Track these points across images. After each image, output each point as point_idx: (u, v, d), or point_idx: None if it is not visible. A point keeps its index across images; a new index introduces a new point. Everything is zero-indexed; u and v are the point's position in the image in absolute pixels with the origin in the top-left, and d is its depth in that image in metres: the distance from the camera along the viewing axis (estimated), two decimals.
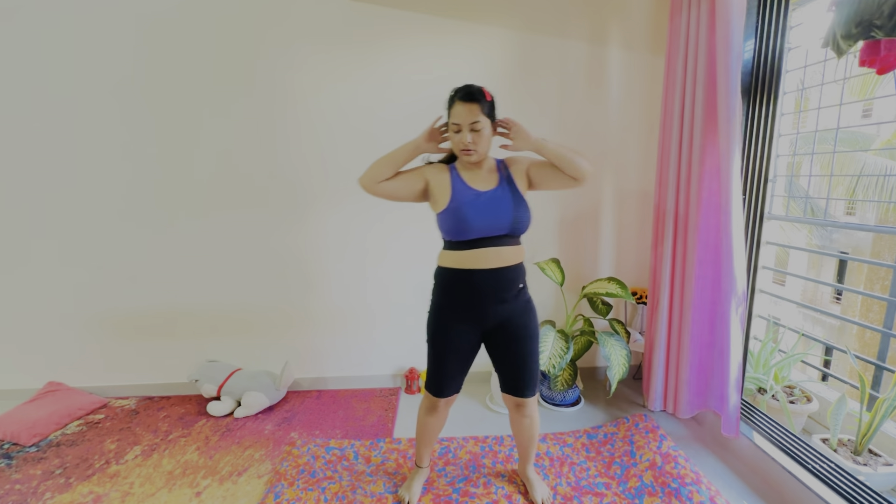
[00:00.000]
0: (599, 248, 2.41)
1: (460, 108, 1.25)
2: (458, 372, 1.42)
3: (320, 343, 2.36)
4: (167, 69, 2.06)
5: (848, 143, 5.26)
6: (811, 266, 8.76)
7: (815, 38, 1.71)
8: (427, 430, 1.52)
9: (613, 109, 2.27)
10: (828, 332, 7.85)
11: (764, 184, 1.79)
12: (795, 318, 8.01)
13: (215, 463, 1.77)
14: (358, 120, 2.15)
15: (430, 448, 1.58)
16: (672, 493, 1.52)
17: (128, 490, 1.62)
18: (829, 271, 8.45)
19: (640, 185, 2.36)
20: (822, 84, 1.87)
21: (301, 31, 2.06)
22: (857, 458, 1.57)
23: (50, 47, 2.00)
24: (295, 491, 1.58)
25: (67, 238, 2.16)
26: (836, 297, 8.56)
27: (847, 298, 8.18)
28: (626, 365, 1.96)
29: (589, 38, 2.18)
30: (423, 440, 1.55)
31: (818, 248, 7.91)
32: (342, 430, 2.00)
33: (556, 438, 1.90)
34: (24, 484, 1.65)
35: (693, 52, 1.77)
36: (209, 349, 2.32)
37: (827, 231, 7.91)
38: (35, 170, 2.09)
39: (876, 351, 6.29)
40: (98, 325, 2.25)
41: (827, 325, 8.02)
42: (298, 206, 2.21)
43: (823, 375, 2.29)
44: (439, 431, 1.56)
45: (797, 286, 8.52)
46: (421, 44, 2.12)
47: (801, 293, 8.40)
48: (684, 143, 1.85)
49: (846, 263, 7.99)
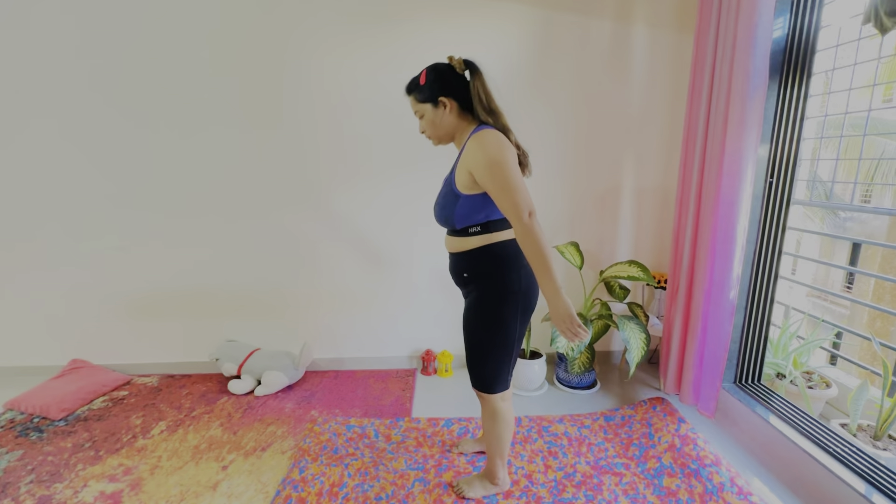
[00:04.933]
0: (618, 232, 2.39)
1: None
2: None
3: (337, 324, 2.38)
4: (182, 52, 2.03)
5: (869, 128, 5.14)
6: (822, 254, 8.67)
7: (849, 16, 1.66)
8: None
9: (637, 89, 2.22)
10: (836, 320, 7.81)
11: (792, 168, 1.76)
12: (805, 306, 7.96)
13: (239, 438, 1.81)
14: (371, 98, 2.11)
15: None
16: (692, 474, 1.54)
17: (156, 463, 1.66)
18: (842, 260, 8.35)
19: (662, 168, 2.32)
20: (855, 64, 1.81)
21: (315, 9, 2.02)
22: (876, 443, 1.57)
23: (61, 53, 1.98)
24: (319, 466, 1.61)
25: (91, 220, 2.18)
26: (847, 286, 8.49)
27: (858, 287, 8.11)
28: (644, 348, 1.96)
29: (614, 14, 2.12)
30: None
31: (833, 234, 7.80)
32: (361, 408, 2.03)
33: (574, 420, 1.92)
34: (56, 456, 1.69)
35: (725, 30, 1.71)
36: (228, 329, 2.35)
37: (840, 219, 7.80)
38: (64, 150, 2.10)
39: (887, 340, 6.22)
40: (121, 305, 2.28)
41: (836, 314, 7.98)
42: (317, 188, 2.21)
43: (835, 360, 2.29)
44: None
45: (808, 274, 8.45)
46: (437, 21, 2.07)
47: (811, 281, 8.33)
48: (711, 125, 1.81)
49: (859, 253, 7.89)
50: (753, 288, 1.88)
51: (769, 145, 1.78)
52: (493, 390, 1.33)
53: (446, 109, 1.24)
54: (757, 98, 1.62)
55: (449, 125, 1.26)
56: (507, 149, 1.14)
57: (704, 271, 1.84)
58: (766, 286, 1.87)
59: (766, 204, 1.82)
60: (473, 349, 1.33)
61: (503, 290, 1.26)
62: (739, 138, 1.66)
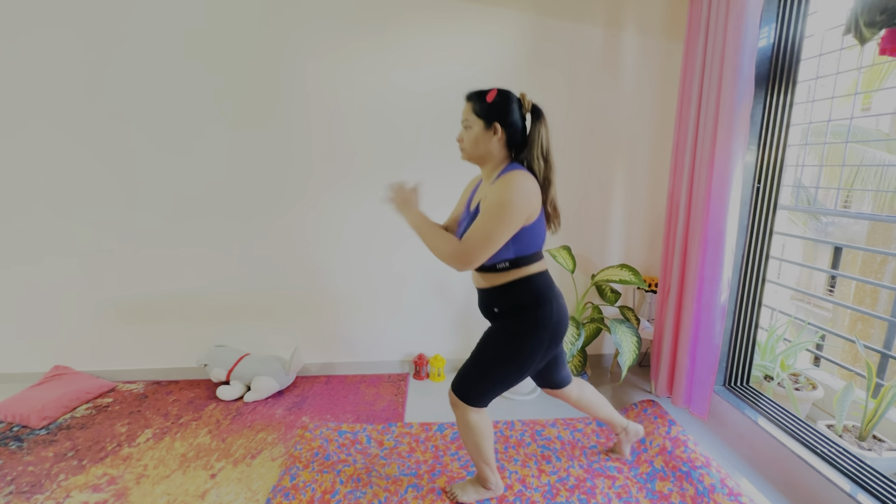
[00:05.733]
0: (609, 236, 2.41)
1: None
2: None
3: (329, 329, 2.36)
4: (177, 59, 2.00)
5: (845, 135, 5.28)
6: (805, 258, 8.88)
7: (830, 27, 1.71)
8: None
9: (627, 96, 2.25)
10: (819, 322, 8.00)
11: (779, 173, 1.80)
12: (788, 308, 8.14)
13: (228, 446, 1.77)
14: (366, 102, 2.12)
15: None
16: (683, 477, 1.55)
17: (142, 472, 1.62)
18: (824, 264, 8.56)
19: (652, 173, 2.35)
20: (838, 73, 1.87)
21: (311, 13, 2.01)
22: (861, 444, 1.61)
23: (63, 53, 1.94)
24: (310, 473, 1.59)
25: (75, 223, 2.13)
26: (829, 289, 8.71)
27: (839, 292, 8.33)
28: (635, 352, 1.98)
29: (605, 21, 2.15)
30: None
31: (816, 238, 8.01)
32: (353, 414, 2.01)
33: (567, 424, 1.92)
34: (37, 466, 1.64)
35: (713, 39, 1.75)
36: (216, 334, 2.31)
37: (822, 224, 8.00)
38: (46, 157, 2.05)
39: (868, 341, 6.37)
40: (105, 309, 2.23)
41: (819, 317, 8.17)
42: (308, 191, 2.19)
43: (818, 360, 2.34)
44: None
45: (791, 277, 8.65)
46: (431, 27, 2.08)
47: (795, 284, 8.52)
48: (700, 131, 1.84)
49: (840, 256, 8.11)
50: (742, 291, 1.91)
51: (756, 151, 1.82)
52: (472, 404, 1.32)
53: (495, 136, 1.23)
54: (744, 105, 1.65)
55: (487, 151, 1.25)
56: (526, 203, 1.16)
57: (694, 275, 1.86)
58: (754, 289, 1.90)
59: (754, 209, 1.85)
60: (478, 366, 1.32)
61: (535, 324, 1.26)
62: (728, 144, 1.69)
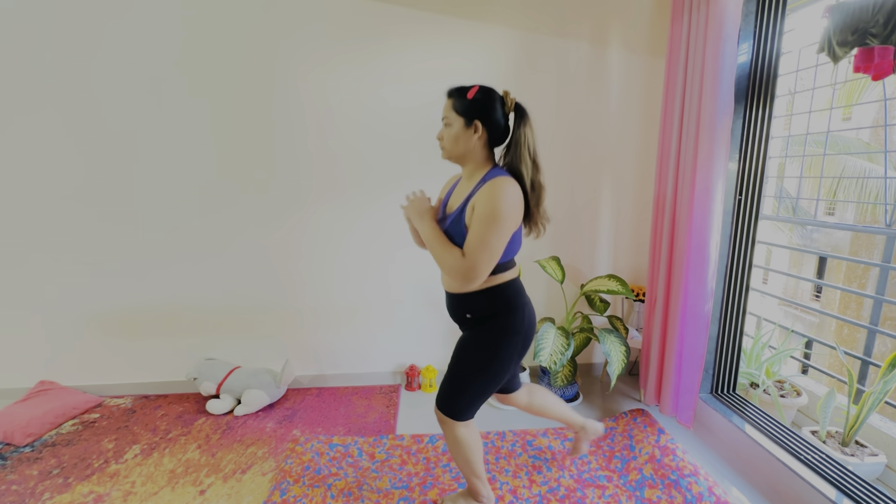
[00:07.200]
0: (597, 247, 2.45)
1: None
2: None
3: (320, 340, 2.35)
4: (167, 65, 2.02)
5: (831, 146, 5.43)
6: (792, 266, 9.04)
7: (807, 44, 1.78)
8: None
9: (613, 110, 2.30)
10: (806, 328, 8.12)
11: (760, 185, 1.85)
12: (776, 316, 8.25)
13: (218, 461, 1.75)
14: (358, 115, 2.14)
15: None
16: (671, 485, 1.57)
17: (129, 489, 1.59)
18: (810, 271, 8.72)
19: (638, 185, 2.40)
20: (814, 88, 1.94)
21: (304, 25, 2.04)
22: (844, 449, 1.64)
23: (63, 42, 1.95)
24: (301, 488, 1.58)
25: (59, 233, 2.11)
26: (815, 295, 8.85)
27: (825, 297, 8.47)
28: (624, 361, 2.00)
29: (590, 38, 2.21)
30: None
31: (801, 247, 8.16)
32: (344, 426, 2.00)
33: (558, 433, 1.93)
34: (21, 484, 1.61)
35: (694, 56, 1.81)
36: (206, 347, 2.29)
37: (807, 231, 8.17)
38: (29, 168, 2.04)
39: (853, 346, 6.49)
40: (92, 322, 2.20)
41: (806, 322, 8.30)
42: (298, 203, 2.20)
43: (806, 369, 2.38)
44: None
45: (778, 285, 8.79)
46: (421, 42, 2.12)
47: (782, 292, 8.65)
48: (683, 144, 1.90)
49: (825, 263, 8.27)
50: (726, 300, 1.95)
51: (737, 163, 1.87)
52: (459, 418, 1.31)
53: (475, 134, 1.20)
54: (725, 119, 1.71)
55: (467, 149, 1.22)
56: (517, 210, 1.16)
57: (680, 284, 1.90)
58: (738, 298, 1.94)
59: (736, 219, 1.90)
60: (456, 379, 1.31)
61: (506, 331, 1.26)
62: (710, 156, 1.75)
